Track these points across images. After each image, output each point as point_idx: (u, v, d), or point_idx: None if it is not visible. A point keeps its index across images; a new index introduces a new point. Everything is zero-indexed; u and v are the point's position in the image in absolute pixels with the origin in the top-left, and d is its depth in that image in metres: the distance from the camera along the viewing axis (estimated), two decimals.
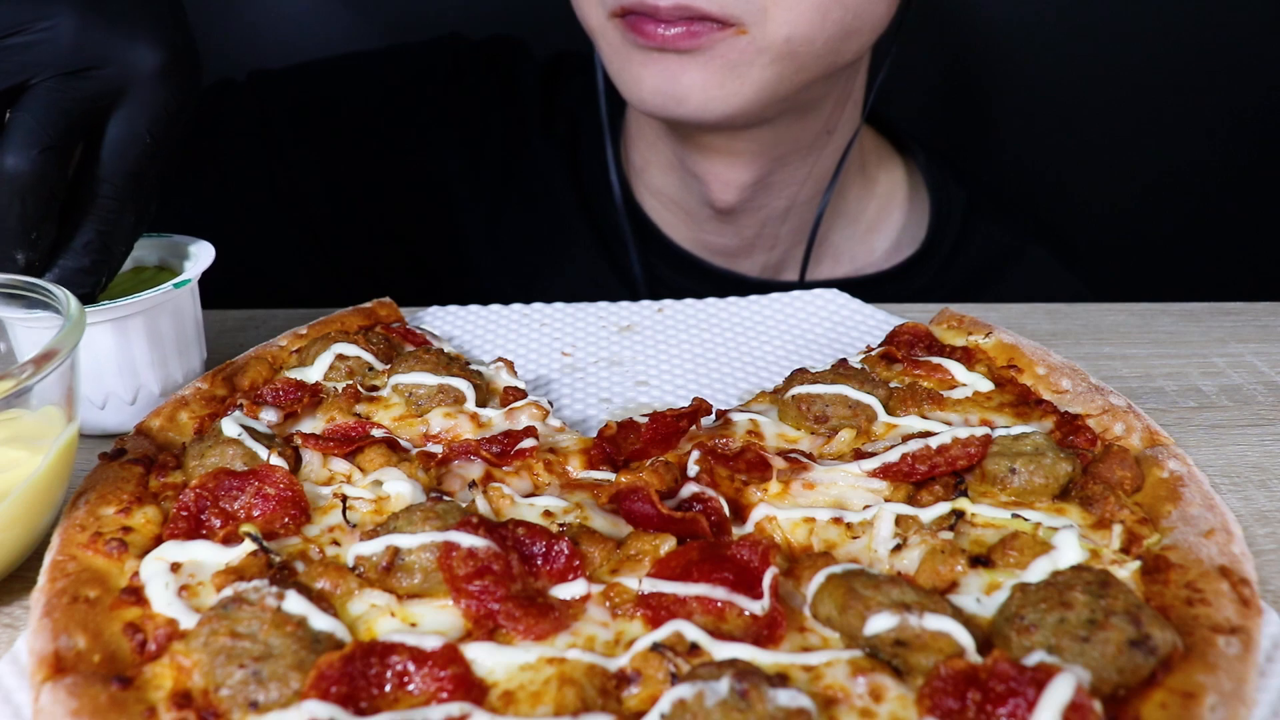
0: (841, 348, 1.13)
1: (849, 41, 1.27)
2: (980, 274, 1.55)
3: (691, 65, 1.23)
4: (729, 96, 1.24)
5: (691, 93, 1.24)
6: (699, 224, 1.51)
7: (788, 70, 1.24)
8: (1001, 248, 1.59)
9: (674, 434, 0.88)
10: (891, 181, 1.60)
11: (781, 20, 1.20)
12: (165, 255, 1.04)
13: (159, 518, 0.77)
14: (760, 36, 1.20)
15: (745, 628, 0.67)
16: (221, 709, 0.61)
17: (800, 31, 1.21)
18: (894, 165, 1.62)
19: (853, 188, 1.55)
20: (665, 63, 1.24)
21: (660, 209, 1.54)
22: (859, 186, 1.56)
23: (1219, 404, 1.03)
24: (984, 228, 1.58)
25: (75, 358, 0.77)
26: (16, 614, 0.75)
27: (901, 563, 0.73)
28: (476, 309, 1.21)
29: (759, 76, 1.24)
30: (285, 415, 0.90)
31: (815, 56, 1.25)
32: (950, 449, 0.82)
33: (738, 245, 1.52)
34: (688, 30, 1.20)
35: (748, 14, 1.19)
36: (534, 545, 0.72)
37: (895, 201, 1.59)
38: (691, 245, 1.54)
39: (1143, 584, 0.70)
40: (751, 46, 1.21)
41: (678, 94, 1.25)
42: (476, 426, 0.91)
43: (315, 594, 0.68)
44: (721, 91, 1.24)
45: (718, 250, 1.53)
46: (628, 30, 1.24)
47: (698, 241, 1.53)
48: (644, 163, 1.53)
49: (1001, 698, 0.58)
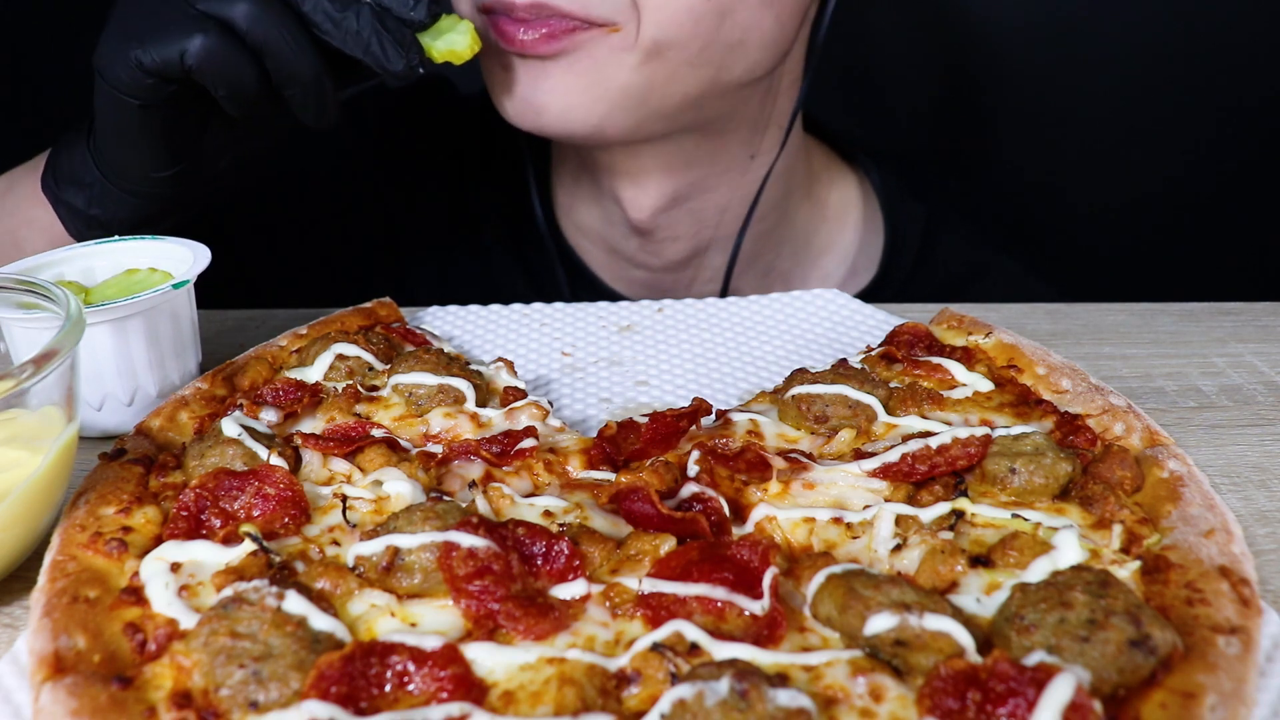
0: (841, 348, 1.13)
1: (734, 56, 1.19)
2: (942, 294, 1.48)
3: (554, 70, 1.15)
4: (592, 104, 1.17)
5: (550, 101, 1.16)
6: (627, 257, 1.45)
7: (658, 77, 1.16)
8: (965, 264, 1.52)
9: (674, 434, 0.88)
10: (844, 201, 1.53)
11: (651, 20, 1.12)
12: (158, 257, 1.04)
13: (159, 518, 0.77)
14: (629, 34, 1.13)
15: (745, 628, 0.67)
16: (221, 709, 0.61)
17: (670, 33, 1.13)
18: (847, 183, 1.55)
19: (800, 210, 1.48)
20: (527, 69, 1.16)
21: (590, 249, 1.49)
22: (807, 209, 1.49)
23: (1219, 404, 1.03)
24: (945, 244, 1.52)
25: (75, 358, 0.77)
26: (16, 614, 0.75)
27: (901, 563, 0.73)
28: (476, 309, 1.21)
29: (625, 80, 1.16)
30: (285, 415, 0.90)
31: (690, 65, 1.17)
32: (950, 449, 0.82)
33: (671, 278, 1.47)
34: (548, 33, 1.12)
35: (617, 13, 1.12)
36: (534, 545, 0.72)
37: (848, 222, 1.53)
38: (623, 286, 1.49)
39: (1143, 584, 0.70)
40: (621, 45, 1.14)
41: (536, 103, 1.17)
42: (476, 426, 0.91)
43: (315, 594, 0.68)
44: (583, 98, 1.16)
45: (650, 286, 1.47)
46: (491, 31, 1.16)
47: (631, 280, 1.48)
48: (570, 200, 1.47)
49: (1001, 698, 0.58)
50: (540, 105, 1.17)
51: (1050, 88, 2.05)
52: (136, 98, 0.98)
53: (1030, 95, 2.07)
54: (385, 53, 0.99)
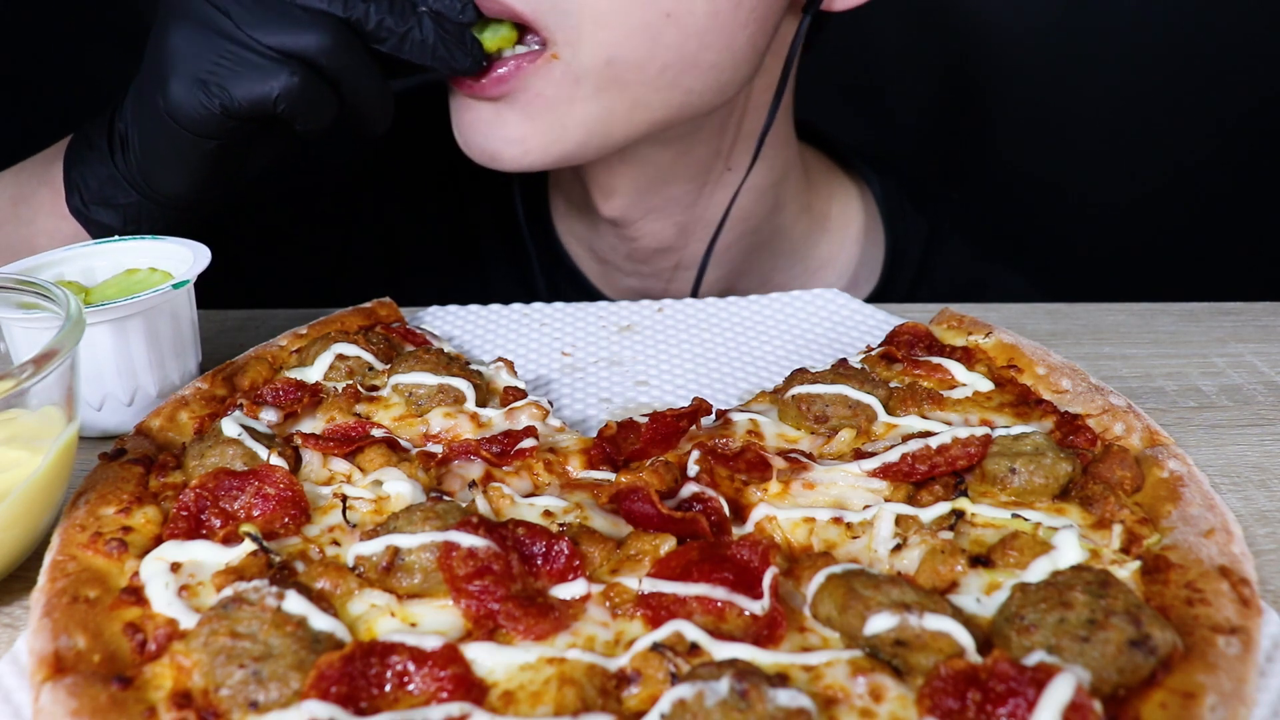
0: (841, 348, 1.13)
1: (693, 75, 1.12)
2: None
3: (507, 112, 1.11)
4: (549, 145, 1.13)
5: (505, 148, 1.13)
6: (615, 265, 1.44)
7: (619, 105, 1.11)
8: (966, 278, 1.50)
9: (674, 434, 0.88)
10: (845, 214, 1.51)
11: (598, 40, 1.06)
12: (158, 257, 1.03)
13: (159, 518, 0.77)
14: (574, 59, 1.07)
15: (745, 628, 0.67)
16: (221, 709, 0.61)
17: (624, 54, 1.07)
18: (847, 194, 1.52)
19: (797, 223, 1.46)
20: (479, 111, 1.13)
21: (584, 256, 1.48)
22: (805, 222, 1.47)
23: (1219, 404, 1.03)
24: (946, 258, 1.50)
25: (75, 358, 0.77)
26: (16, 614, 0.75)
27: (901, 563, 0.73)
28: (476, 309, 1.21)
29: (582, 113, 1.11)
30: (285, 415, 0.90)
31: (652, 89, 1.11)
32: (950, 449, 0.82)
33: (661, 287, 1.46)
34: (493, 77, 1.08)
35: (560, 29, 1.05)
36: (534, 545, 0.72)
37: (849, 235, 1.50)
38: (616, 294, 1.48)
39: (1143, 584, 0.70)
40: (568, 75, 1.08)
41: (490, 149, 1.14)
42: (476, 426, 0.91)
43: (315, 594, 0.68)
44: (541, 140, 1.12)
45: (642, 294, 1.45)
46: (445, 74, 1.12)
47: (624, 290, 1.48)
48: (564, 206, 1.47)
49: (1001, 698, 0.58)
50: (494, 151, 1.15)
51: (1050, 89, 2.06)
52: (215, 138, 1.00)
53: (1030, 97, 2.07)
54: (452, 55, 1.03)
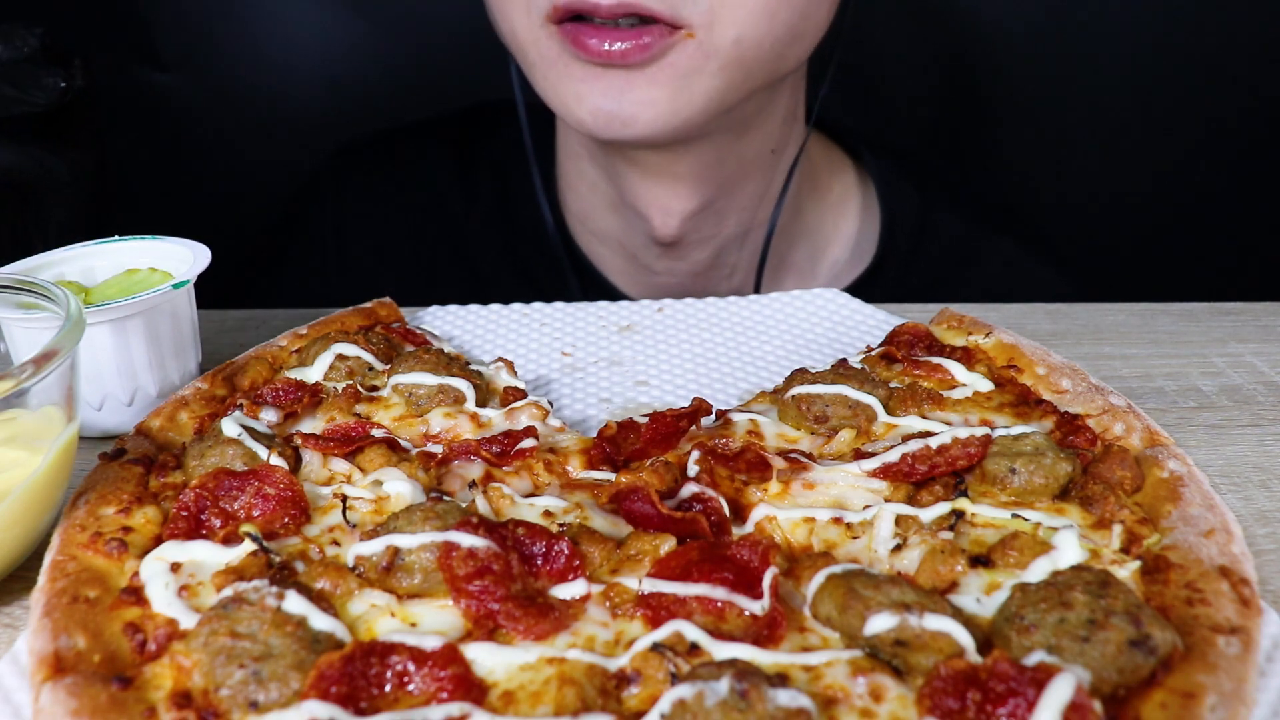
0: (841, 348, 1.13)
1: (794, 46, 1.21)
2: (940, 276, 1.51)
3: (640, 80, 1.15)
4: (679, 110, 1.17)
5: (641, 111, 1.16)
6: (647, 264, 1.44)
7: (736, 77, 1.18)
8: (961, 247, 1.54)
9: (674, 434, 0.88)
10: (844, 189, 1.55)
11: (730, 20, 1.12)
12: (158, 257, 1.04)
13: (159, 518, 0.77)
14: (708, 40, 1.13)
15: (745, 628, 0.67)
16: (221, 709, 0.61)
17: (749, 33, 1.14)
18: (845, 172, 1.57)
19: (808, 203, 1.50)
20: (610, 79, 1.15)
21: (608, 256, 1.48)
22: (814, 201, 1.51)
23: (1219, 404, 1.03)
24: (941, 224, 1.54)
25: (75, 358, 0.77)
26: (16, 614, 0.75)
27: (901, 563, 0.73)
28: (476, 309, 1.21)
29: (708, 86, 1.16)
30: (285, 415, 0.90)
31: (761, 62, 1.18)
32: (950, 449, 0.82)
33: (691, 279, 1.46)
34: (636, 44, 1.12)
35: (696, 14, 1.11)
36: (534, 545, 0.72)
37: (848, 210, 1.55)
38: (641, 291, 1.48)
39: (1143, 584, 0.70)
40: (700, 51, 1.13)
41: (624, 115, 1.16)
42: (476, 426, 0.91)
43: (315, 594, 0.68)
44: (672, 106, 1.16)
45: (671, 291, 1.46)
46: (565, 41, 1.15)
47: (651, 285, 1.47)
48: (586, 207, 1.46)
49: (1001, 698, 0.58)
50: (628, 116, 1.16)
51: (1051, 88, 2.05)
52: None
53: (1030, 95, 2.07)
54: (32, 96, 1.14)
